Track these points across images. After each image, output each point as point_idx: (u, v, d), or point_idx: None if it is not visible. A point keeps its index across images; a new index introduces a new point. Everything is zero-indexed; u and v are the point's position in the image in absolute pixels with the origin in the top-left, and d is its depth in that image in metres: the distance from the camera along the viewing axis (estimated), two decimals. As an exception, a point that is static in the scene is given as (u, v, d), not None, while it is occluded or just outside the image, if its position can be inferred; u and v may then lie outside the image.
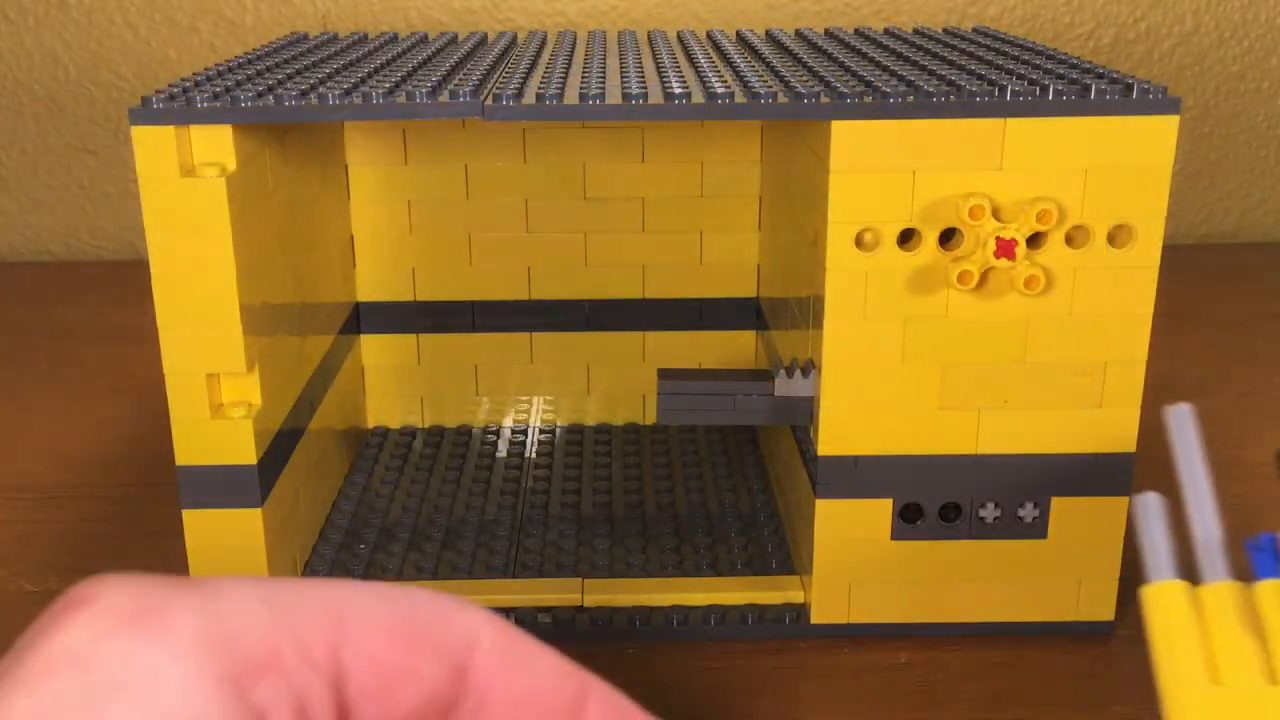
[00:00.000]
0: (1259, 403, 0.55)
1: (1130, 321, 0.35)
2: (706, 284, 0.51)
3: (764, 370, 0.39)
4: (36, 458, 0.51)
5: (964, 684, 0.36)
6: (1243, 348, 0.62)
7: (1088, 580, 0.37)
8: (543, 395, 0.52)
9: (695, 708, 0.35)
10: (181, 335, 0.35)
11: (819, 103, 0.33)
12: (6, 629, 0.41)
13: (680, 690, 0.35)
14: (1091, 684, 0.35)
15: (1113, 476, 0.36)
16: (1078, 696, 0.35)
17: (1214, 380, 0.58)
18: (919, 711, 0.34)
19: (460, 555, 0.42)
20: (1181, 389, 0.56)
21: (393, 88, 0.35)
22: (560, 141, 0.49)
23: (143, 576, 0.18)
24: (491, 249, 0.50)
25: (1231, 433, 0.52)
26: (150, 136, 0.33)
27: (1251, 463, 0.49)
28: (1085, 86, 0.34)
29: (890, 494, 0.37)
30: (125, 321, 0.66)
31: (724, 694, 0.35)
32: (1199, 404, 0.57)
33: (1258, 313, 0.68)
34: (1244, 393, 0.57)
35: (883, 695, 0.35)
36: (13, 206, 0.81)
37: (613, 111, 0.34)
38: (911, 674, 0.36)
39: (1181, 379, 0.58)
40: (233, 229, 0.34)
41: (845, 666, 0.36)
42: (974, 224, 0.33)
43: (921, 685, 0.36)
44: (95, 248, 0.82)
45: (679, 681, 0.36)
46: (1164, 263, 0.35)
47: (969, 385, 0.36)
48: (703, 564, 0.41)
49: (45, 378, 0.60)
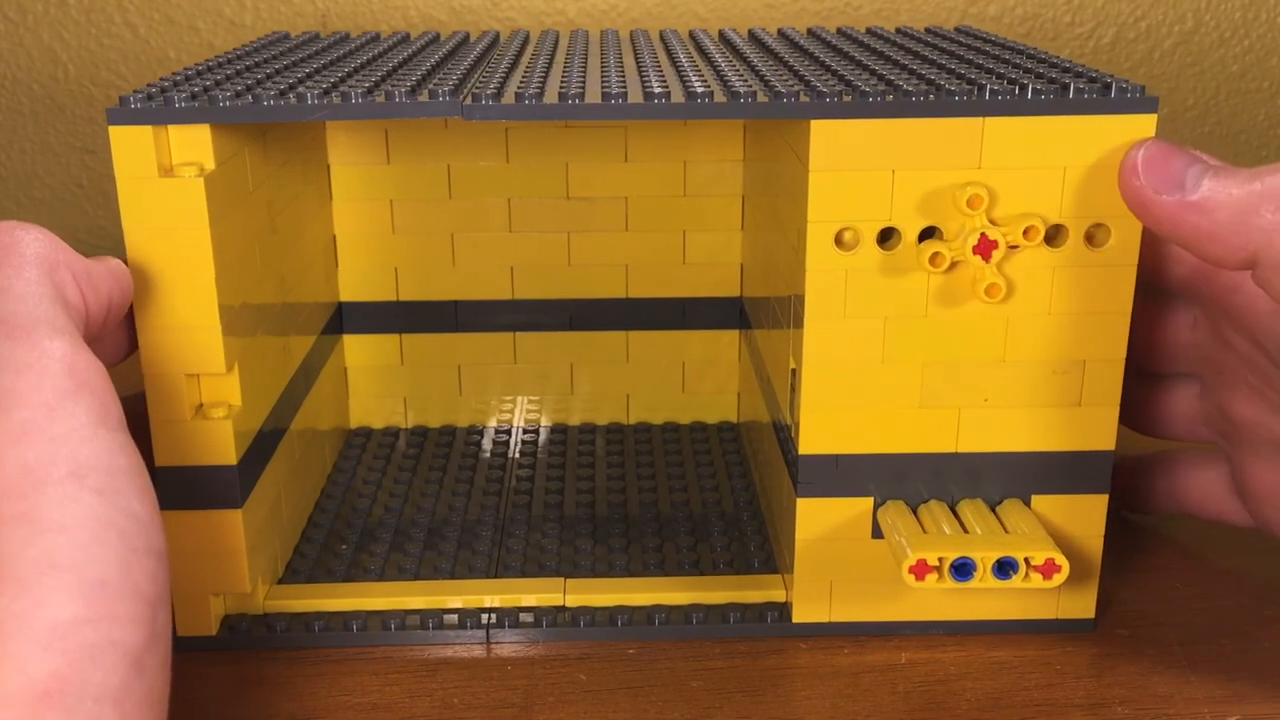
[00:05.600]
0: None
1: (1108, 320, 0.35)
2: (690, 283, 0.51)
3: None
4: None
5: (964, 684, 0.36)
6: None
7: (1068, 578, 0.37)
8: (526, 395, 0.52)
9: (695, 707, 0.35)
10: (160, 336, 0.34)
11: (798, 102, 0.33)
12: None
13: (679, 690, 0.35)
14: (1091, 685, 0.36)
15: (1092, 474, 0.36)
16: (1078, 697, 0.35)
17: None
18: (919, 712, 0.34)
19: (443, 556, 0.42)
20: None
21: (372, 87, 0.35)
22: (543, 141, 0.49)
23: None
24: (474, 249, 0.50)
25: None
26: (128, 136, 0.33)
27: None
28: (1064, 86, 0.34)
29: (871, 493, 0.37)
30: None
31: (723, 695, 0.35)
32: None
33: None
34: None
35: (883, 695, 0.35)
36: (12, 206, 0.81)
37: (592, 111, 0.34)
38: (912, 674, 0.36)
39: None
40: (211, 229, 0.34)
41: (845, 667, 0.36)
42: (970, 213, 0.33)
43: (921, 685, 0.36)
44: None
45: (677, 681, 0.36)
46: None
47: (949, 384, 0.36)
48: (685, 563, 0.41)
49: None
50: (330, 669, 0.36)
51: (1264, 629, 0.38)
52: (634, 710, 0.34)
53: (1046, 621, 0.38)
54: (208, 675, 0.36)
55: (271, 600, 0.39)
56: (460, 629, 0.38)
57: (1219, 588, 0.41)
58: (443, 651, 0.37)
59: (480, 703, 0.35)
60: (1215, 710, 0.35)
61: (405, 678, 0.36)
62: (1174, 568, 0.42)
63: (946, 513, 0.36)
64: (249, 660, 0.37)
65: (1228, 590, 0.40)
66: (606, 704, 0.35)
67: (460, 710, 0.34)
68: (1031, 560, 0.34)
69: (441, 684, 0.36)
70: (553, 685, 0.36)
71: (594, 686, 0.36)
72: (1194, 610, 0.39)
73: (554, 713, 0.34)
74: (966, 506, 0.36)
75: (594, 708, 0.35)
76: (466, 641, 0.38)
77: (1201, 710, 0.35)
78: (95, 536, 0.23)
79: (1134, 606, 0.40)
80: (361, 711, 0.34)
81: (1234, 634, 0.38)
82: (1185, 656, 0.37)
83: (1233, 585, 0.41)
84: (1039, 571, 0.34)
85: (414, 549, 0.42)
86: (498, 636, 0.38)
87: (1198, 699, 0.35)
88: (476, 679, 0.36)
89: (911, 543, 0.34)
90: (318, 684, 0.36)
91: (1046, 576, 0.34)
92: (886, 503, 0.37)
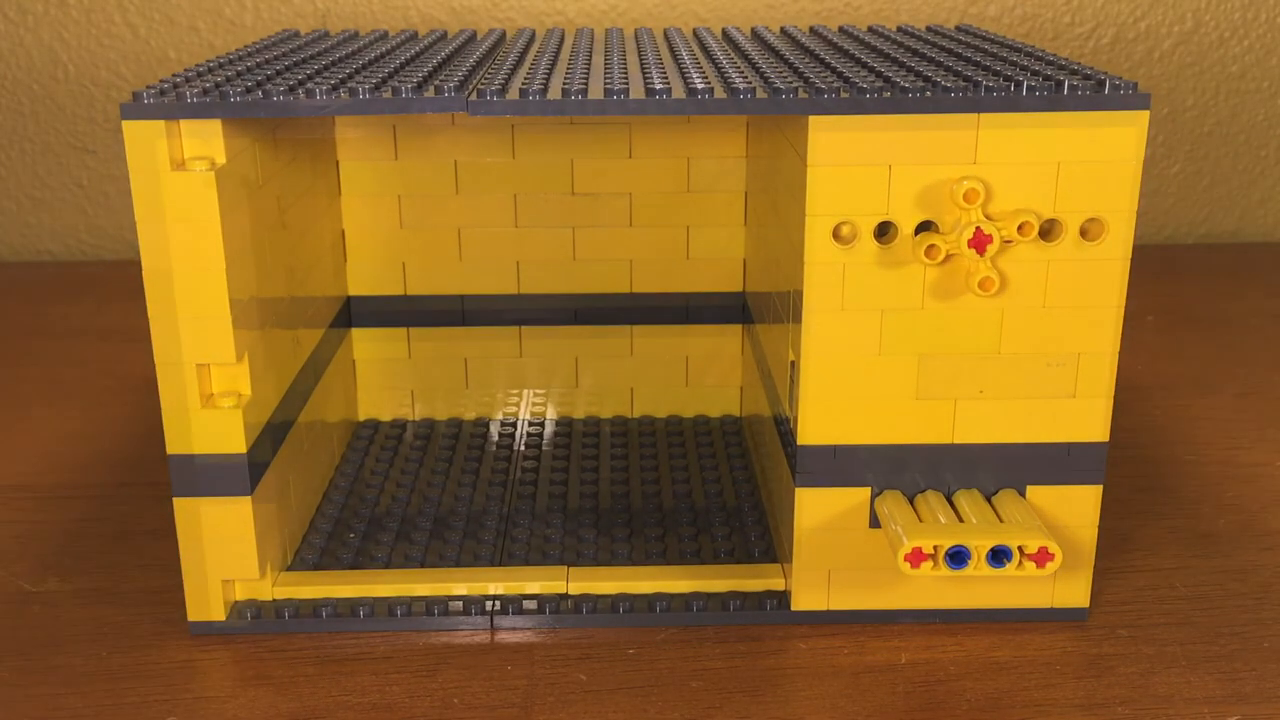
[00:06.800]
0: (1257, 403, 0.56)
1: (1101, 313, 0.36)
2: (693, 279, 0.51)
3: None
4: (36, 458, 0.51)
5: (964, 684, 0.36)
6: (1240, 347, 0.63)
7: (1062, 567, 0.38)
8: (531, 389, 0.53)
9: (696, 707, 0.35)
10: (171, 326, 0.35)
11: (797, 98, 0.34)
12: (6, 629, 0.42)
13: (679, 689, 0.36)
14: (1091, 685, 0.36)
15: (1085, 464, 0.37)
16: (1078, 697, 0.35)
17: (1212, 380, 0.59)
18: (919, 712, 0.35)
19: (448, 545, 0.42)
20: (1180, 388, 0.57)
21: (380, 83, 0.36)
22: (549, 138, 0.49)
23: None
24: (481, 244, 0.51)
25: (1230, 433, 0.53)
26: (141, 131, 0.34)
27: (1249, 463, 0.50)
28: (1058, 83, 0.34)
29: (869, 483, 0.37)
30: (125, 321, 0.67)
31: (724, 695, 0.36)
32: (1197, 404, 0.59)
33: (1258, 311, 0.68)
34: (1242, 393, 0.57)
35: (883, 695, 0.36)
36: (12, 206, 0.82)
37: (594, 106, 0.34)
38: (912, 674, 0.37)
39: (1180, 378, 0.58)
40: (222, 221, 0.35)
41: (845, 667, 0.37)
42: (965, 207, 0.34)
43: (922, 685, 0.36)
44: (94, 247, 0.82)
45: (677, 681, 0.36)
46: (1164, 262, 0.35)
47: (945, 376, 0.36)
48: (687, 553, 0.42)
49: (45, 378, 0.61)
50: (331, 669, 0.37)
51: (1264, 629, 0.39)
52: (634, 710, 0.35)
53: (1042, 610, 0.39)
54: (209, 673, 0.37)
55: (280, 587, 0.39)
56: (465, 615, 0.38)
57: (1219, 588, 0.41)
58: (447, 640, 0.38)
59: (480, 703, 0.35)
60: (1215, 710, 0.35)
61: (405, 677, 0.36)
62: (1175, 567, 0.42)
63: (942, 502, 0.37)
64: (250, 658, 0.37)
65: (1228, 590, 0.41)
66: (607, 704, 0.35)
67: (460, 710, 0.35)
68: (1025, 548, 0.35)
69: (442, 684, 0.36)
70: (552, 685, 0.36)
71: (594, 686, 0.36)
72: (1194, 610, 0.40)
73: (554, 713, 0.35)
74: (962, 496, 0.37)
75: (594, 707, 0.35)
76: (471, 628, 0.38)
77: (1201, 710, 0.35)
78: None
79: (1134, 605, 0.40)
80: (362, 711, 0.35)
81: (1234, 634, 0.38)
82: (1185, 656, 0.37)
83: (1233, 585, 0.41)
84: (1033, 560, 0.35)
85: (420, 538, 0.43)
86: (501, 623, 0.39)
87: (1198, 699, 0.35)
88: (477, 679, 0.36)
89: (907, 531, 0.35)
90: (318, 684, 0.36)
91: (1040, 565, 0.35)
92: (884, 492, 0.37)
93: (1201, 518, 0.45)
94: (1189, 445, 0.51)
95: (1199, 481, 0.48)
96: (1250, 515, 0.46)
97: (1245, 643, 0.38)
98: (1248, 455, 0.51)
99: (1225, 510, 0.46)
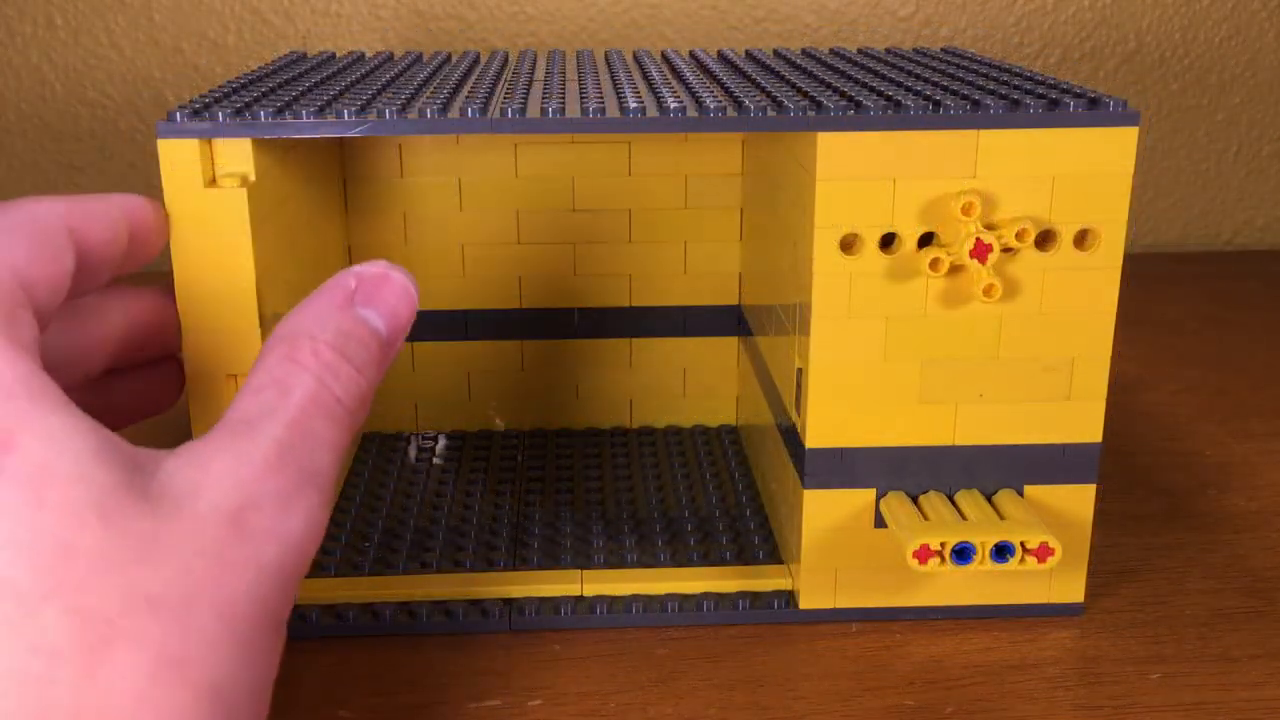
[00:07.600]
0: (1191, 399, 0.60)
1: (1095, 319, 0.38)
2: (690, 292, 0.53)
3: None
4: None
5: (964, 682, 0.37)
6: (1178, 348, 0.67)
7: (1059, 563, 0.40)
8: (534, 400, 0.54)
9: (710, 702, 0.37)
10: (204, 339, 0.36)
11: (806, 115, 0.36)
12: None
13: (679, 688, 0.37)
14: (1091, 684, 0.37)
15: (1080, 464, 0.39)
16: (1077, 696, 0.37)
17: (1151, 378, 0.62)
18: (919, 711, 0.36)
19: (461, 551, 0.43)
20: (1123, 385, 0.60)
21: (404, 104, 0.37)
22: (550, 156, 0.51)
23: None
24: (484, 260, 0.52)
25: (1165, 425, 0.56)
26: (176, 149, 0.35)
27: (1183, 451, 0.53)
28: (1053, 101, 0.36)
29: (874, 484, 0.39)
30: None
31: (736, 690, 0.37)
32: (1140, 399, 0.62)
33: (1195, 315, 0.72)
34: (1178, 389, 0.61)
35: (883, 695, 0.37)
36: (-2, 224, 0.82)
37: (614, 125, 0.36)
38: (913, 673, 0.38)
39: (1123, 375, 0.61)
40: (253, 237, 0.36)
41: (845, 667, 0.38)
42: (964, 219, 0.36)
43: (922, 684, 0.37)
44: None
45: (678, 679, 0.38)
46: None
47: (946, 380, 0.38)
48: (694, 556, 0.43)
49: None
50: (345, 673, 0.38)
51: (1264, 627, 0.40)
52: (637, 710, 0.36)
53: (1040, 605, 0.40)
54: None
55: (302, 592, 0.40)
56: (483, 618, 0.40)
57: (1219, 584, 0.43)
58: (465, 642, 0.39)
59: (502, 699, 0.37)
60: (1214, 710, 0.36)
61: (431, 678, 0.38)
62: (1174, 565, 0.44)
63: (945, 502, 0.38)
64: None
65: (1228, 587, 0.42)
66: (610, 704, 0.36)
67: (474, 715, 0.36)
68: (1027, 544, 0.36)
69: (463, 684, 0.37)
70: (565, 684, 0.37)
71: (611, 686, 0.37)
72: (1194, 607, 0.41)
73: (572, 705, 0.36)
74: (963, 496, 0.39)
75: (598, 706, 0.36)
76: (490, 630, 0.40)
77: (1201, 710, 0.36)
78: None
79: (1134, 603, 0.41)
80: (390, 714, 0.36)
81: (1234, 630, 0.40)
82: (1185, 655, 0.39)
83: (1233, 582, 0.43)
84: (1034, 555, 0.36)
85: (434, 545, 0.44)
86: (519, 625, 0.40)
87: (1198, 699, 0.36)
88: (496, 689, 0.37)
89: (915, 529, 0.37)
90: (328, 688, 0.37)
91: (1041, 560, 0.36)
92: (888, 493, 0.39)
93: (1133, 500, 0.48)
94: (1129, 437, 0.55)
95: (1137, 469, 0.51)
96: (1180, 498, 0.49)
97: (1245, 640, 0.39)
98: (1181, 445, 0.54)
99: (1158, 492, 0.49)
